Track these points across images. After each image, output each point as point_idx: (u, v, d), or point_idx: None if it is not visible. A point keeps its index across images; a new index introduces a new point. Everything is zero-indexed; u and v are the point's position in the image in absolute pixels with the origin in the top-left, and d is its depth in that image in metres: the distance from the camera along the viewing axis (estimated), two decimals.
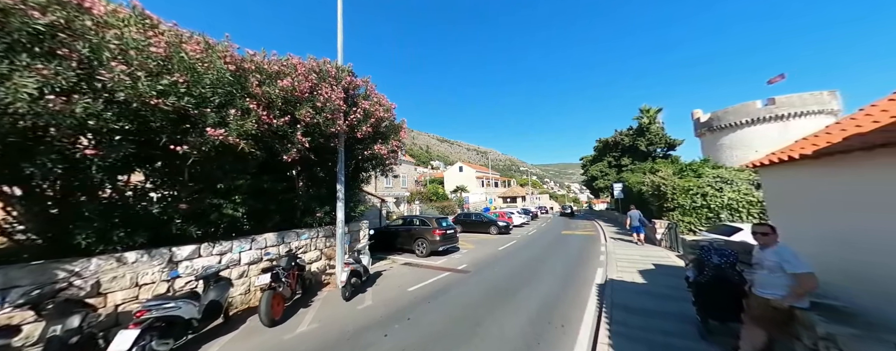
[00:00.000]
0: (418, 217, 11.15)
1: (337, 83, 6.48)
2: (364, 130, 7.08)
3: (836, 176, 3.11)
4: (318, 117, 5.77)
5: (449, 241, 10.75)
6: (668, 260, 8.94)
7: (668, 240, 11.33)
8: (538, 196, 64.83)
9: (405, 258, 10.14)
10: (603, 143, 27.41)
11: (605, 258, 9.59)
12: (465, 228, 18.86)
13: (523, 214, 25.08)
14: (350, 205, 8.23)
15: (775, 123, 25.98)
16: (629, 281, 6.42)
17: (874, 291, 2.86)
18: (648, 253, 10.15)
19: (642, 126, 24.54)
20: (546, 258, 10.00)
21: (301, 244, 6.44)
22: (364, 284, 6.64)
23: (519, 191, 52.47)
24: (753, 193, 10.45)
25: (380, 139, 7.69)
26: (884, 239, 2.75)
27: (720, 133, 29.15)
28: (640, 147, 24.18)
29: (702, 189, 11.27)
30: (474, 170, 50.23)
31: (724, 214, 10.87)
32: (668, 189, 11.67)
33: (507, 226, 17.90)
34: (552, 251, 11.47)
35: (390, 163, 8.73)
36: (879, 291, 2.79)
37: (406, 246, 10.87)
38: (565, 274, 7.67)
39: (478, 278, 7.32)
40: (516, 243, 13.90)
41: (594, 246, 12.75)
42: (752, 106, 26.82)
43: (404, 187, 30.77)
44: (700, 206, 11.31)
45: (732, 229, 7.70)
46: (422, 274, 7.89)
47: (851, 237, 3.04)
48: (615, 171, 25.64)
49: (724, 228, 8.09)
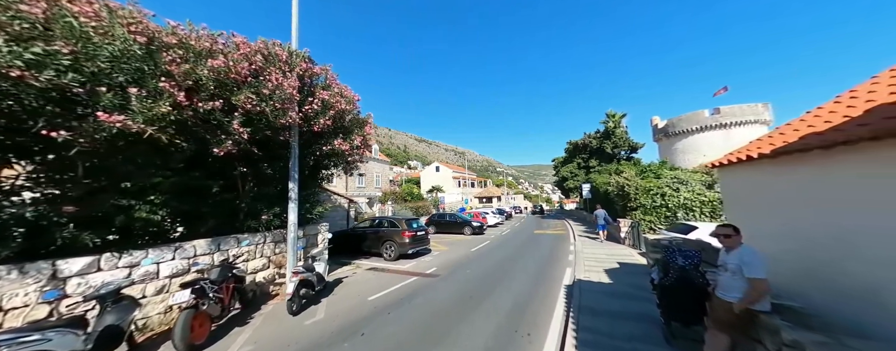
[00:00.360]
0: (387, 218, 10.52)
1: (290, 69, 5.74)
2: (322, 123, 6.38)
3: (794, 174, 3.11)
4: (263, 105, 5.01)
5: (419, 243, 10.25)
6: (632, 258, 9.19)
7: (632, 238, 11.77)
8: (513, 196, 66.33)
9: (371, 263, 9.49)
10: (573, 145, 28.49)
11: (574, 258, 9.66)
12: (439, 229, 18.47)
13: (498, 214, 25.23)
14: (306, 206, 7.45)
15: (720, 131, 29.14)
16: (596, 281, 6.38)
17: (827, 289, 2.86)
18: (613, 251, 10.42)
19: (608, 130, 25.82)
20: (518, 259, 9.87)
21: (241, 252, 5.60)
22: (318, 295, 5.96)
23: (495, 191, 53.22)
24: (705, 192, 11.15)
25: (341, 134, 7.01)
26: (836, 236, 2.75)
27: (675, 138, 31.90)
28: (607, 149, 25.41)
29: (661, 189, 11.85)
30: (451, 170, 50.10)
31: (680, 213, 11.49)
32: (632, 189, 12.16)
33: (481, 226, 17.78)
34: (524, 252, 11.41)
35: (354, 160, 8.06)
36: (832, 289, 2.80)
37: (373, 249, 10.20)
38: (535, 276, 7.52)
39: (446, 284, 6.92)
40: (489, 244, 13.74)
41: (564, 245, 12.93)
42: (701, 114, 29.83)
43: (378, 187, 29.71)
44: (659, 205, 11.89)
45: (689, 228, 8.04)
46: (387, 280, 7.33)
47: (806, 234, 3.05)
48: (584, 173, 26.71)
49: (681, 227, 8.44)
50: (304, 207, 7.23)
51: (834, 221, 2.77)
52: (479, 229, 17.47)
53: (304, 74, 6.22)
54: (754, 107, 28.41)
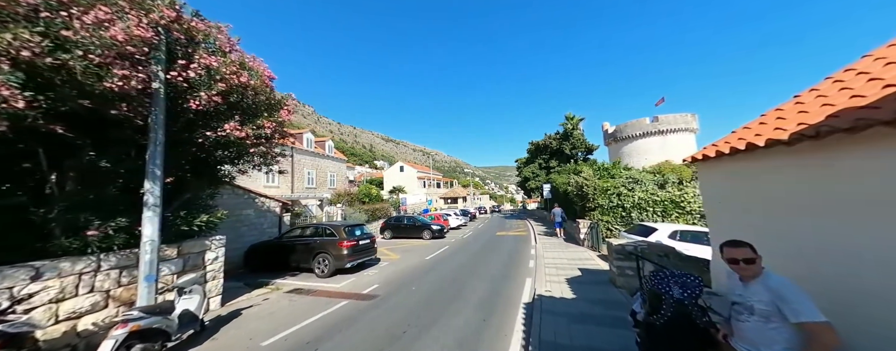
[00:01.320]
0: (321, 225, 8.77)
1: (137, 7, 3.91)
2: (206, 99, 4.64)
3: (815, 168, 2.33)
4: (66, 57, 3.18)
5: (362, 254, 8.69)
6: (592, 262, 8.71)
7: (591, 239, 11.51)
8: (479, 197, 66.74)
9: (297, 282, 7.72)
10: (535, 145, 28.89)
11: (535, 264, 8.92)
12: (397, 233, 16.94)
13: (461, 216, 24.39)
14: (182, 213, 5.46)
15: (658, 137, 32.54)
16: (558, 297, 5.52)
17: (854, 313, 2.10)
18: (574, 255, 9.94)
19: (567, 131, 26.53)
20: (475, 268, 8.84)
21: (40, 288, 3.60)
22: (186, 346, 4.17)
23: (460, 192, 52.77)
24: (657, 192, 11.27)
25: (239, 116, 5.26)
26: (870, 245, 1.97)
27: (622, 143, 34.67)
28: (566, 150, 26.07)
29: (617, 189, 11.80)
30: (416, 170, 48.45)
31: (634, 213, 11.49)
32: (590, 189, 11.98)
33: (441, 229, 16.63)
34: (483, 259, 10.46)
35: (267, 153, 6.29)
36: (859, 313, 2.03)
37: (303, 264, 8.40)
38: (491, 293, 6.48)
39: (380, 310, 5.55)
40: (448, 249, 12.62)
41: (525, 249, 12.31)
42: (643, 122, 32.86)
43: (332, 188, 27.01)
44: (615, 205, 11.81)
45: (648, 229, 7.69)
46: (305, 308, 5.72)
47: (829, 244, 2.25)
48: (545, 173, 27.13)
49: (639, 228, 8.11)
50: (180, 214, 5.30)
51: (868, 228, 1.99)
52: (439, 233, 16.31)
53: (170, 26, 4.40)
54: (685, 116, 31.98)
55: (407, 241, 15.84)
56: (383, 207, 23.42)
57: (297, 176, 23.43)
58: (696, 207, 10.64)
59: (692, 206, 10.68)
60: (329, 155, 28.05)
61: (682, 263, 5.44)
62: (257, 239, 9.90)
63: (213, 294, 5.56)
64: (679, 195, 10.92)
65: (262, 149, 5.78)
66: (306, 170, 24.46)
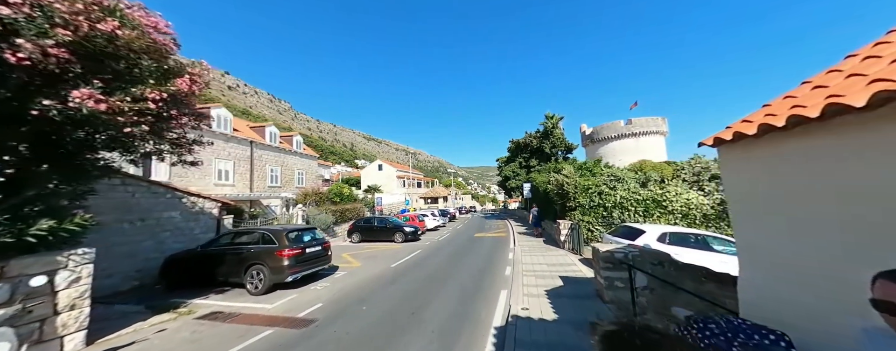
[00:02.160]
0: (258, 230, 7.23)
1: None
2: (36, 51, 3.17)
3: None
4: None
5: (310, 263, 7.28)
6: (574, 269, 7.86)
7: (572, 241, 10.76)
8: (462, 197, 66.00)
9: (220, 301, 6.20)
10: (515, 144, 28.34)
11: (512, 271, 7.93)
12: (366, 236, 15.47)
13: (439, 216, 23.25)
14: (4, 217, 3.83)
15: (632, 139, 33.79)
16: (537, 319, 4.50)
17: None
18: (554, 260, 9.08)
19: (547, 130, 26.17)
20: (446, 278, 7.70)
21: None
22: None
23: (441, 191, 51.64)
24: (639, 191, 10.72)
25: (99, 81, 3.75)
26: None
27: (599, 144, 35.44)
28: (546, 149, 25.69)
29: (599, 188, 11.16)
30: (395, 169, 46.70)
31: (615, 213, 10.88)
32: (571, 188, 11.27)
33: (415, 231, 15.37)
34: (456, 265, 9.35)
35: (160, 135, 4.76)
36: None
37: (233, 278, 6.86)
38: (458, 312, 5.36)
39: (312, 344, 4.27)
40: (419, 254, 11.41)
41: (502, 252, 11.36)
42: (618, 124, 33.83)
43: (301, 186, 24.87)
44: (596, 205, 11.16)
45: (634, 231, 6.91)
46: (211, 344, 4.31)
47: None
48: (525, 172, 26.62)
49: (625, 231, 7.34)
50: (2, 219, 3.67)
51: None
52: (412, 235, 15.04)
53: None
54: (656, 120, 33.40)
55: (376, 245, 14.43)
56: (356, 207, 21.77)
57: (258, 173, 21.23)
58: (677, 207, 10.18)
59: (674, 205, 10.21)
60: (297, 151, 25.88)
61: (679, 273, 4.60)
62: (186, 247, 8.17)
63: (70, 330, 4.00)
64: (661, 194, 10.43)
65: (143, 128, 4.25)
66: (269, 167, 22.27)
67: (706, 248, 6.28)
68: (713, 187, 9.83)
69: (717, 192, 9.81)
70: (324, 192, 22.67)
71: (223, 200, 10.25)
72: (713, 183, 9.89)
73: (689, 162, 10.98)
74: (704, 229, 10.11)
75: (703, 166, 10.31)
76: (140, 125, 4.19)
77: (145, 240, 7.73)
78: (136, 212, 7.53)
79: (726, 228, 9.79)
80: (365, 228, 15.66)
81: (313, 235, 7.95)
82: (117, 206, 7.19)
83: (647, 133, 32.98)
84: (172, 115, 4.64)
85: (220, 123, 18.35)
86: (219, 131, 17.89)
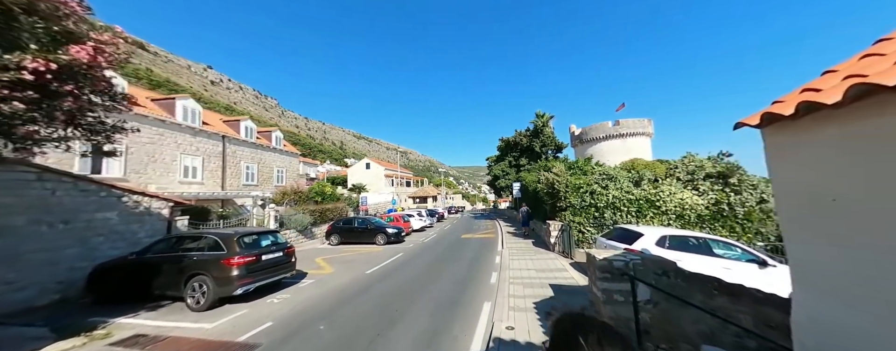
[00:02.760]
0: (206, 234, 6.21)
1: None
2: None
3: None
4: None
5: (266, 273, 6.33)
6: (566, 275, 7.21)
7: (562, 244, 10.15)
8: (452, 196, 65.33)
9: (151, 321, 5.20)
10: (505, 142, 27.82)
11: (498, 278, 7.21)
12: (346, 238, 14.49)
13: (427, 217, 22.44)
14: None
15: (619, 140, 34.37)
16: (523, 343, 3.76)
17: None
18: (543, 265, 8.42)
19: (537, 128, 25.75)
20: (425, 287, 6.91)
21: None
22: None
23: (431, 191, 50.76)
24: (632, 191, 10.21)
25: None
26: None
27: (587, 144, 35.68)
28: (535, 148, 25.26)
29: (590, 187, 10.60)
30: (383, 167, 45.52)
31: (607, 214, 10.35)
32: (561, 187, 10.68)
33: (399, 233, 14.49)
34: (438, 272, 8.57)
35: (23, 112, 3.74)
36: None
37: (172, 290, 5.85)
38: (431, 335, 4.57)
39: None
40: (401, 258, 10.57)
41: (489, 256, 10.65)
42: (606, 125, 34.18)
43: (279, 185, 23.53)
44: (588, 205, 10.60)
45: (631, 234, 6.29)
46: None
47: None
48: (515, 171, 26.13)
49: (620, 233, 6.73)
50: None
51: None
52: (396, 237, 14.16)
53: None
54: (642, 121, 34.07)
55: (355, 247, 13.49)
56: (338, 207, 20.67)
57: (232, 171, 19.85)
58: (671, 207, 9.72)
59: (668, 205, 9.75)
60: (277, 148, 24.50)
61: (687, 285, 3.96)
62: (124, 253, 7.05)
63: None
64: (654, 193, 9.95)
65: (17, 106, 3.25)
66: (244, 164, 20.90)
67: (708, 252, 5.72)
68: (708, 187, 9.43)
69: (711, 191, 9.41)
70: (304, 191, 21.45)
71: (177, 199, 9.10)
72: (708, 182, 9.50)
73: (682, 161, 10.57)
74: (699, 231, 9.72)
75: (697, 165, 9.91)
76: (9, 101, 3.19)
77: (71, 246, 6.58)
78: (58, 212, 6.38)
79: (721, 229, 9.39)
80: (344, 229, 14.67)
81: (274, 239, 6.99)
82: (32, 205, 6.04)
83: (634, 134, 33.61)
84: (67, 91, 3.65)
85: (187, 115, 16.94)
86: (185, 124, 16.50)
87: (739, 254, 5.73)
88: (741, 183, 9.09)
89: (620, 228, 6.90)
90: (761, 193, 9.02)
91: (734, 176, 9.20)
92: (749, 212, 9.08)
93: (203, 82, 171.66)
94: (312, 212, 17.02)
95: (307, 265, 9.65)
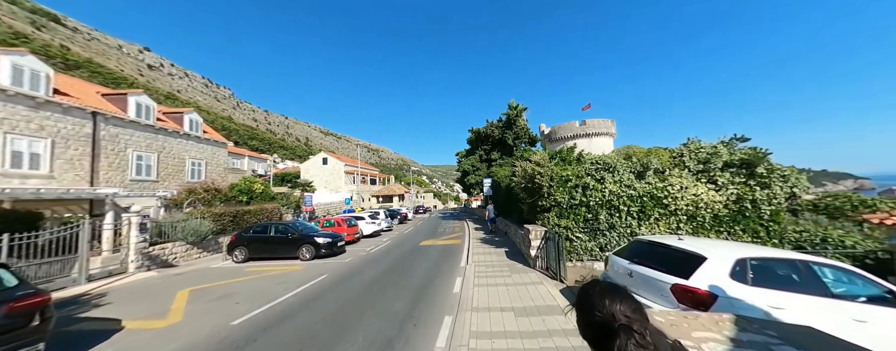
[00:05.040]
0: None
1: None
2: None
3: None
4: None
5: None
6: (555, 315, 4.31)
7: (546, 258, 7.39)
8: (423, 195, 61.83)
9: None
10: (475, 134, 25.17)
11: (452, 323, 4.16)
12: (256, 251, 10.57)
13: (383, 219, 18.87)
14: None
15: (585, 139, 33.80)
16: None
17: None
18: (524, 295, 5.50)
19: (510, 118, 23.47)
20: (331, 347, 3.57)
21: None
22: None
23: (397, 189, 46.85)
24: (635, 184, 7.76)
25: None
26: None
27: (556, 143, 35.58)
28: (508, 140, 22.93)
29: (582, 180, 7.98)
30: (343, 163, 40.73)
31: (603, 215, 7.82)
32: (545, 180, 7.98)
33: (334, 243, 10.87)
34: (362, 314, 5.31)
35: None
36: None
37: None
38: None
39: None
40: (316, 285, 7.13)
41: (447, 279, 7.61)
42: (573, 124, 34.95)
43: (195, 180, 18.42)
44: (578, 203, 7.99)
45: (681, 258, 3.51)
46: None
47: None
48: (486, 166, 23.58)
49: (648, 250, 3.97)
50: None
51: None
52: (329, 248, 10.55)
53: None
54: (606, 122, 35.20)
55: (266, 266, 9.69)
56: (267, 208, 16.33)
57: (111, 161, 14.67)
58: (682, 205, 7.41)
59: (678, 203, 7.42)
60: (192, 134, 19.31)
61: None
62: None
63: None
64: (662, 188, 7.58)
65: None
66: (133, 152, 15.72)
67: (819, 289, 3.13)
68: (727, 179, 7.29)
69: (732, 185, 7.23)
70: (222, 188, 16.75)
71: None
72: (727, 173, 7.37)
73: (686, 147, 8.40)
74: (716, 236, 7.54)
75: (709, 152, 7.78)
76: None
77: None
78: None
79: (741, 234, 7.28)
80: (255, 239, 10.70)
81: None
82: None
83: (599, 134, 34.29)
84: None
85: (21, 79, 11.70)
86: (16, 90, 11.31)
87: (860, 287, 3.23)
88: (771, 174, 6.99)
89: (648, 241, 4.13)
90: (792, 186, 7.00)
91: (761, 165, 7.08)
92: (776, 211, 7.03)
93: (138, 66, 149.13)
94: (220, 216, 12.70)
95: (158, 299, 5.99)
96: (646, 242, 4.24)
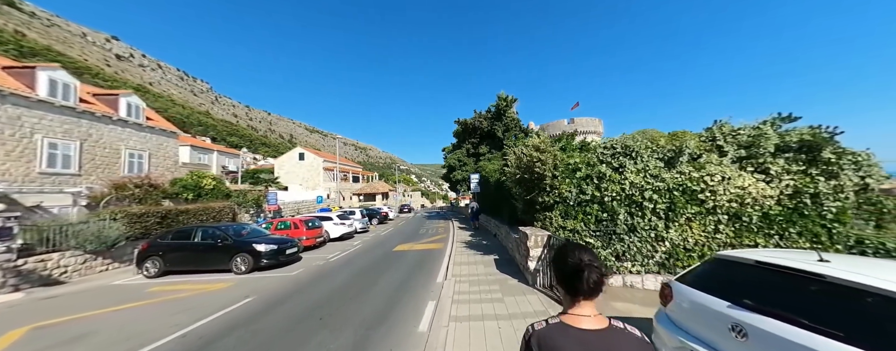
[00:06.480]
0: None
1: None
2: None
3: None
4: None
5: None
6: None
7: (546, 272, 5.46)
8: (411, 194, 59.42)
9: None
10: (462, 125, 23.18)
11: None
12: (175, 262, 8.18)
13: (357, 219, 16.60)
14: None
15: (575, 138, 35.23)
16: None
17: None
18: (518, 326, 3.52)
19: (500, 110, 21.66)
20: None
21: None
22: None
23: (381, 187, 44.35)
24: (662, 174, 5.96)
25: None
26: None
27: None
28: (498, 132, 21.12)
29: (594, 168, 6.11)
30: (322, 159, 37.93)
31: (622, 214, 5.97)
32: (547, 168, 6.09)
33: (279, 251, 8.56)
34: None
35: None
36: None
37: None
38: None
39: None
40: (230, 314, 4.95)
41: (417, 300, 5.56)
42: (562, 123, 34.74)
43: (131, 174, 15.51)
44: (590, 198, 6.13)
45: (800, 284, 1.61)
46: None
47: None
48: (473, 161, 21.70)
49: (747, 277, 2.07)
50: None
51: None
52: (274, 257, 8.28)
53: None
54: (593, 120, 35.19)
55: (183, 283, 7.34)
56: (216, 207, 13.76)
57: (8, 148, 11.76)
58: (724, 201, 5.67)
59: (718, 198, 5.65)
60: (133, 120, 16.42)
61: None
62: None
63: None
64: (697, 179, 5.81)
65: None
66: (45, 140, 12.84)
67: None
68: (782, 167, 5.62)
69: (788, 174, 5.55)
70: (159, 184, 14.02)
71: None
72: (781, 160, 5.70)
73: (717, 127, 6.67)
74: (765, 241, 5.88)
75: (753, 134, 6.08)
76: None
77: None
78: None
79: (796, 238, 5.62)
80: (174, 247, 8.26)
81: None
82: None
83: (587, 132, 34.63)
84: None
85: None
86: None
87: None
88: (840, 159, 5.32)
89: (763, 265, 2.22)
90: (864, 176, 5.38)
91: (827, 149, 5.41)
92: (842, 209, 5.39)
93: (105, 55, 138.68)
94: (139, 217, 10.13)
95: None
96: (753, 264, 2.32)
